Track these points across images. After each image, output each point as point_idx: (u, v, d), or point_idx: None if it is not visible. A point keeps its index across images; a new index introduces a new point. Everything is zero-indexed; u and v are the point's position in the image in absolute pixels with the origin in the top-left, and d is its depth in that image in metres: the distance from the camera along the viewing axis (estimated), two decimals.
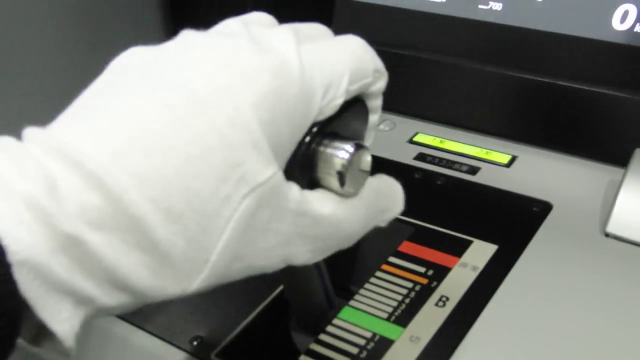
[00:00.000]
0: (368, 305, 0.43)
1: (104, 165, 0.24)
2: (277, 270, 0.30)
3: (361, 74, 0.32)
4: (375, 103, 0.35)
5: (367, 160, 0.33)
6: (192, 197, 0.25)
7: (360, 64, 0.32)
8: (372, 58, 0.33)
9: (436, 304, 0.43)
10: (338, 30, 0.34)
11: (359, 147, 0.32)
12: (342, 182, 0.32)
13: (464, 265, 0.46)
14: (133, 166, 0.24)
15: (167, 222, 0.25)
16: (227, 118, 0.26)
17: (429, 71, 0.61)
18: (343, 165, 0.31)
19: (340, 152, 0.31)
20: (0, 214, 0.22)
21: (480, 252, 0.47)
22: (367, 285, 0.45)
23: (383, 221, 0.35)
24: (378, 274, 0.46)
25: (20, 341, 0.24)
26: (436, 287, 0.44)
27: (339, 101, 0.31)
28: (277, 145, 0.28)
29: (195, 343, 0.43)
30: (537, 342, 0.40)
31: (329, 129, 0.32)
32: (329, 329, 0.42)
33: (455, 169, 0.55)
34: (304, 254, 0.30)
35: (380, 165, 0.56)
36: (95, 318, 0.26)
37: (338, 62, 0.31)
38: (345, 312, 0.43)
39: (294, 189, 0.29)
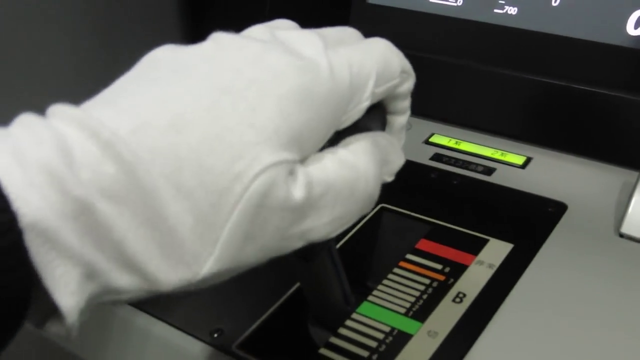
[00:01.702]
0: (386, 300, 0.44)
1: (121, 137, 0.24)
2: (295, 249, 0.29)
3: (387, 76, 0.32)
4: (403, 104, 0.35)
5: None
6: (204, 174, 0.25)
7: (386, 66, 0.32)
8: (399, 59, 0.33)
9: (453, 300, 0.44)
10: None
11: None
12: None
13: (481, 263, 0.47)
14: (149, 141, 0.25)
15: (177, 198, 0.25)
16: (250, 105, 0.27)
17: (445, 73, 0.62)
18: None
19: None
20: (12, 178, 0.22)
21: (496, 251, 0.48)
22: (385, 281, 0.46)
23: (388, 174, 0.34)
24: (396, 270, 0.46)
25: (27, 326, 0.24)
26: (453, 283, 0.45)
27: (365, 105, 0.31)
28: (305, 138, 0.28)
29: (216, 335, 0.43)
30: (552, 339, 0.41)
31: (346, 133, 0.32)
32: (348, 323, 0.43)
33: (471, 170, 0.56)
34: (323, 227, 0.29)
35: None
36: (105, 300, 0.25)
37: (364, 65, 0.31)
38: (364, 307, 0.44)
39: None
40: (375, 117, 0.34)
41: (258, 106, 0.27)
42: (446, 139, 0.60)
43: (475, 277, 0.45)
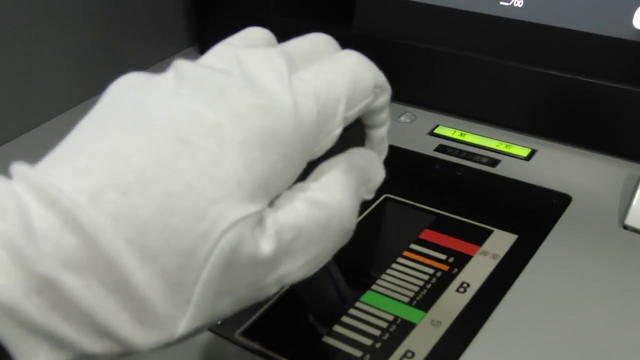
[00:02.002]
0: (390, 289, 0.44)
1: (81, 204, 0.24)
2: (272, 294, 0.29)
3: (359, 96, 0.30)
4: (380, 117, 0.34)
5: None
6: (169, 235, 0.25)
7: (357, 86, 0.30)
8: (372, 74, 0.31)
9: (457, 290, 0.44)
10: (360, 24, 0.33)
11: None
12: None
13: (485, 253, 0.47)
14: (110, 206, 0.24)
15: (143, 263, 0.24)
16: (211, 157, 0.25)
17: (450, 65, 0.61)
18: None
19: None
20: None
21: (501, 241, 0.47)
22: (388, 271, 0.45)
23: (368, 193, 0.33)
24: (399, 260, 0.46)
25: None
26: (457, 273, 0.45)
27: (337, 132, 0.29)
28: (272, 182, 0.27)
29: (219, 322, 0.43)
30: (556, 330, 0.41)
31: (321, 159, 0.31)
32: (352, 311, 0.43)
33: (476, 161, 0.56)
34: (298, 271, 0.29)
35: (401, 156, 0.57)
36: None
37: (333, 89, 0.29)
38: (368, 296, 0.44)
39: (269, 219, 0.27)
40: (351, 134, 0.32)
41: (219, 156, 0.26)
42: (451, 130, 0.60)
43: (479, 268, 0.45)
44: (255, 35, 0.32)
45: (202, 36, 0.78)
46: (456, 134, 0.60)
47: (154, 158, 0.25)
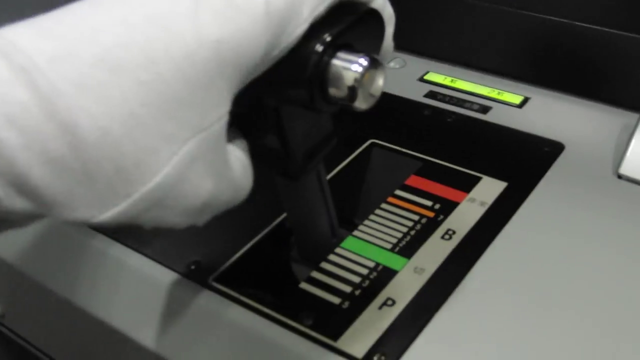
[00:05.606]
0: (372, 235, 0.42)
1: (38, 64, 0.22)
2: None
3: None
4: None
5: (379, 84, 0.31)
6: (134, 125, 0.23)
7: None
8: None
9: (442, 237, 0.42)
10: None
11: (374, 61, 0.30)
12: (352, 98, 0.30)
13: (472, 200, 0.45)
14: (74, 73, 0.22)
15: (101, 142, 0.23)
16: (187, 52, 0.24)
17: (442, 10, 0.59)
18: (355, 80, 0.29)
19: (354, 66, 0.30)
20: None
21: (489, 189, 0.45)
22: (371, 217, 0.44)
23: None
24: (383, 205, 0.44)
25: None
26: (443, 220, 0.43)
27: (301, 29, 0.28)
28: (234, 84, 0.26)
29: (193, 267, 0.42)
30: (541, 279, 0.39)
31: (341, 40, 0.30)
32: (331, 257, 0.41)
33: (466, 108, 0.54)
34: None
35: (388, 101, 0.54)
36: None
37: None
38: (348, 242, 0.42)
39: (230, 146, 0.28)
40: (371, 26, 0.32)
41: (195, 54, 0.24)
42: (441, 76, 0.58)
43: (466, 215, 0.43)
44: None
45: None
46: (447, 81, 0.57)
47: (127, 37, 0.23)
